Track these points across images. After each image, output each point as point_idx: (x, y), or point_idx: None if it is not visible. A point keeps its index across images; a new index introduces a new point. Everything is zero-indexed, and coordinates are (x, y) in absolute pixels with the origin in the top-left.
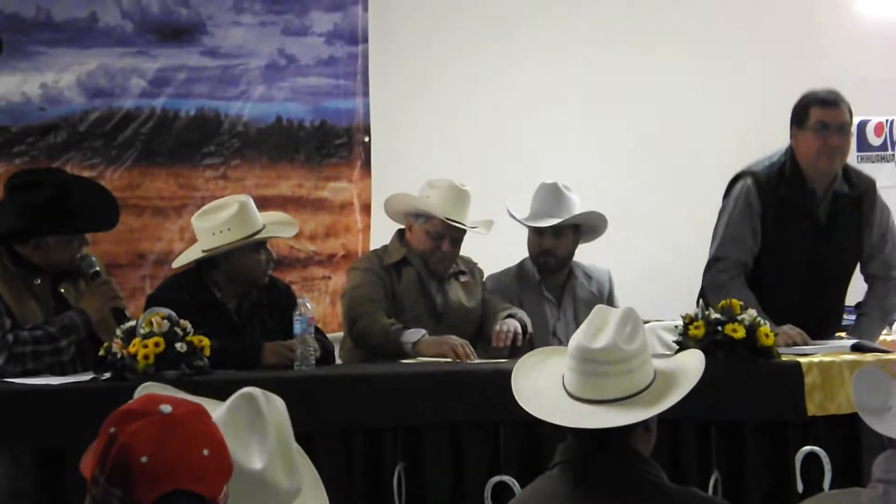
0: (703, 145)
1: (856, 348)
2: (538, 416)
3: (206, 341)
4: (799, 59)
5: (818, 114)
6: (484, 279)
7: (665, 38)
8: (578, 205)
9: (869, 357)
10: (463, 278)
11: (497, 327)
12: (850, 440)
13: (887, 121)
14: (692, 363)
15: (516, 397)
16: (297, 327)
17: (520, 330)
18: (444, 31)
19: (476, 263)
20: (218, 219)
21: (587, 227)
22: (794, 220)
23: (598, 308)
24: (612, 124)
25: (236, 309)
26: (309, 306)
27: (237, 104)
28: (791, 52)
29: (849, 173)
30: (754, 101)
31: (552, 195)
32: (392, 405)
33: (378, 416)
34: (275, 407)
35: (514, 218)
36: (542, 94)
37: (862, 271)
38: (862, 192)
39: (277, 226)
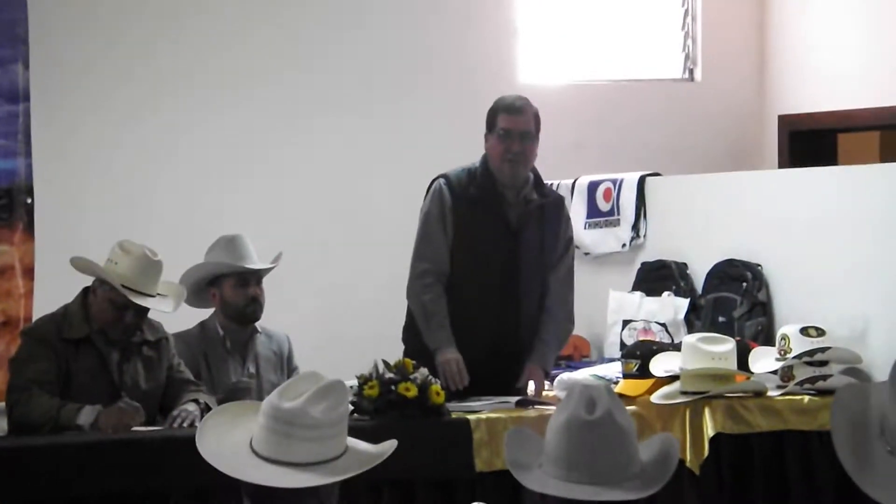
0: (383, 209)
1: (520, 404)
2: (228, 473)
3: None
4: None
5: (503, 120)
6: (172, 344)
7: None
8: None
9: (532, 412)
10: (147, 352)
11: (174, 413)
12: (515, 496)
13: (615, 182)
14: (380, 449)
15: (203, 455)
16: None
17: (197, 415)
18: (113, 90)
19: (165, 333)
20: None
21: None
22: (485, 221)
23: (310, 373)
24: (293, 183)
25: None
26: None
27: None
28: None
29: (541, 183)
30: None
31: (241, 244)
32: (49, 479)
33: (33, 489)
34: None
35: (224, 268)
36: (216, 155)
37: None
38: (550, 201)
39: None
